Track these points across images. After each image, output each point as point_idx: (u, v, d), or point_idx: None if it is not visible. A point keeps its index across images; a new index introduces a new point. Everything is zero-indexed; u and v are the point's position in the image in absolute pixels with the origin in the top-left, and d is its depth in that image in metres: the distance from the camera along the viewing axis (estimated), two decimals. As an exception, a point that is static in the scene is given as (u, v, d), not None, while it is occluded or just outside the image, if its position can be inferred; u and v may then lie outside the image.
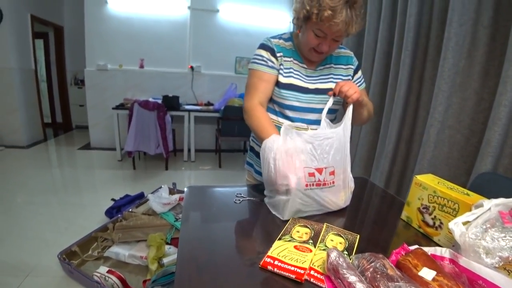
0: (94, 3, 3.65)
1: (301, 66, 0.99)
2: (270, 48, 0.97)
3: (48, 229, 2.03)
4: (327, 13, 0.78)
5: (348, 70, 1.03)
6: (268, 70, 0.96)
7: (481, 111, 1.37)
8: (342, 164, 0.78)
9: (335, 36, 0.86)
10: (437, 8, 1.52)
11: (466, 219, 0.54)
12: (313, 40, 0.88)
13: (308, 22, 0.86)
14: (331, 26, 0.81)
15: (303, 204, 0.74)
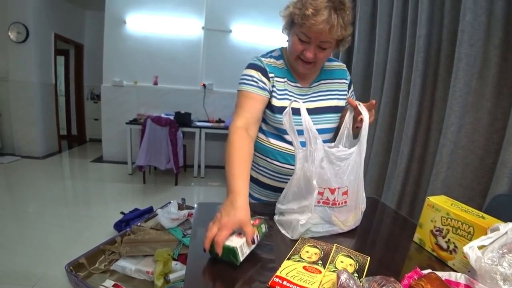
0: (114, 23, 3.85)
1: (295, 86, 0.93)
2: (262, 68, 0.91)
3: (57, 240, 2.06)
4: (308, 11, 0.75)
5: (343, 85, 0.99)
6: (257, 91, 0.89)
7: (495, 131, 1.35)
8: (356, 184, 0.76)
9: (320, 42, 0.81)
10: (447, 30, 1.54)
11: (481, 243, 0.52)
12: (297, 45, 0.83)
13: (293, 27, 0.84)
14: (312, 25, 0.76)
15: (313, 224, 0.73)
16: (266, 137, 0.98)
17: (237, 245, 0.57)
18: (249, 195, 1.08)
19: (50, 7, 4.09)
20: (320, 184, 0.71)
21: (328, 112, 0.94)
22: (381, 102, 1.99)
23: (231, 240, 0.58)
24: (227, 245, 0.57)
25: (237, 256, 0.56)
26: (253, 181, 1.05)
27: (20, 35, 3.75)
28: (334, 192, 0.73)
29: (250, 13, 3.99)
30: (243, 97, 0.90)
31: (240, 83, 0.92)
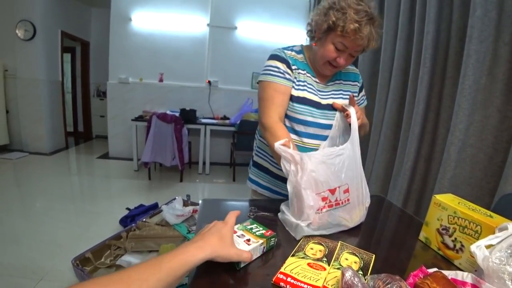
0: (119, 20, 3.86)
1: (314, 80, 0.98)
2: (286, 60, 0.94)
3: (64, 235, 2.09)
4: (354, 26, 0.79)
5: (355, 87, 1.04)
6: (285, 83, 0.92)
7: (505, 129, 1.32)
8: (356, 180, 0.76)
9: (354, 51, 0.87)
10: (456, 26, 1.51)
11: (489, 243, 0.51)
12: (332, 53, 0.87)
13: (330, 34, 0.85)
14: (356, 39, 0.82)
15: (319, 227, 0.72)
16: None
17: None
18: (258, 183, 1.11)
19: (57, 5, 4.12)
20: (319, 188, 0.71)
21: (336, 110, 0.97)
22: (387, 100, 1.97)
23: (238, 244, 0.58)
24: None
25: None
26: (262, 169, 1.09)
27: (28, 33, 3.79)
28: (335, 192, 0.73)
29: (256, 10, 3.96)
30: (272, 90, 0.92)
31: (266, 74, 0.94)
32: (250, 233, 0.63)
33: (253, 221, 0.69)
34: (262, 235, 0.62)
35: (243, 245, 0.58)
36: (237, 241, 0.59)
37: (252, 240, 0.60)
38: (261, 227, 0.67)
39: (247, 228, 0.65)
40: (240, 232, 0.63)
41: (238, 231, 0.64)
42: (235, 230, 0.61)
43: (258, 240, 0.61)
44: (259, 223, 0.68)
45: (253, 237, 0.61)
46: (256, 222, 0.69)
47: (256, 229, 0.65)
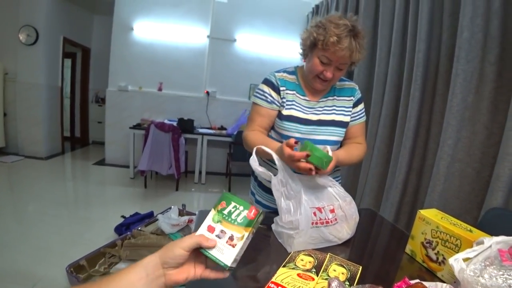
0: (121, 29, 3.93)
1: (304, 99, 1.03)
2: (272, 83, 1.02)
3: (58, 241, 2.08)
4: (333, 39, 0.85)
5: (349, 102, 1.06)
6: (266, 105, 1.02)
7: (492, 145, 1.37)
8: (339, 199, 0.80)
9: (339, 64, 0.91)
10: (445, 46, 1.58)
11: (466, 256, 0.54)
12: (318, 66, 0.92)
13: (314, 49, 0.93)
14: (336, 51, 0.86)
15: (310, 242, 0.75)
16: None
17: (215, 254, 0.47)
18: (254, 196, 1.14)
19: (60, 12, 4.18)
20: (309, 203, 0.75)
21: (330, 125, 1.01)
22: (381, 114, 2.03)
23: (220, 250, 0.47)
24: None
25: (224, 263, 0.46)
26: (260, 186, 1.12)
27: (30, 38, 3.84)
28: (322, 210, 0.76)
29: (255, 23, 4.06)
30: (254, 112, 1.06)
31: (254, 96, 1.06)
32: (230, 223, 0.50)
33: (226, 195, 0.53)
34: (246, 220, 0.50)
35: (228, 249, 0.47)
36: (219, 245, 0.47)
37: (236, 235, 0.48)
38: (240, 203, 0.52)
39: (224, 216, 0.51)
40: (218, 228, 0.49)
41: (214, 225, 0.50)
42: (210, 225, 0.50)
43: (243, 232, 0.49)
44: (236, 197, 0.53)
45: (236, 230, 0.49)
46: (232, 196, 0.53)
47: (235, 213, 0.51)
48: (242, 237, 0.48)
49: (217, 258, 0.46)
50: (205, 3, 3.98)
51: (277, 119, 1.03)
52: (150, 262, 0.44)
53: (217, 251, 0.47)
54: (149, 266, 0.43)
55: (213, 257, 0.46)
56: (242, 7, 4.01)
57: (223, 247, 0.47)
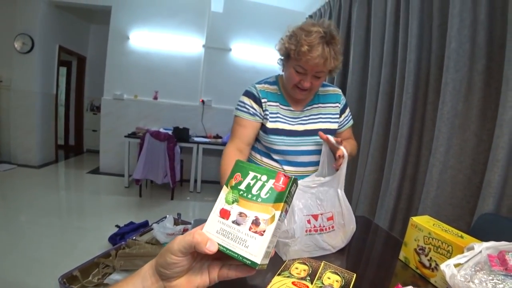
0: (117, 38, 3.96)
1: (287, 109, 1.00)
2: (253, 95, 1.00)
3: (50, 251, 2.04)
4: (304, 48, 0.83)
5: (336, 109, 1.05)
6: (248, 117, 0.99)
7: (481, 152, 1.40)
8: (339, 208, 0.80)
9: (315, 72, 0.89)
10: (435, 55, 1.62)
11: (458, 261, 0.56)
12: (294, 76, 0.90)
13: (289, 60, 0.91)
14: (308, 60, 0.84)
15: (304, 250, 0.76)
16: (260, 156, 1.04)
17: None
18: None
19: (56, 20, 4.20)
20: (302, 211, 0.75)
21: (315, 135, 0.98)
22: (374, 122, 2.06)
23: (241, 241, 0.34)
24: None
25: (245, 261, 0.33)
26: None
27: (26, 46, 3.84)
28: (318, 218, 0.77)
29: (250, 33, 4.12)
30: (236, 124, 1.01)
31: (236, 108, 1.02)
32: (251, 201, 0.35)
33: (241, 164, 0.39)
34: (274, 194, 0.35)
35: (253, 239, 0.33)
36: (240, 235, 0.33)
37: (262, 216, 0.34)
38: (261, 171, 0.37)
39: (241, 193, 0.36)
40: (235, 210, 0.35)
41: (229, 207, 0.36)
42: (224, 209, 0.36)
43: (272, 211, 0.34)
44: (254, 165, 0.38)
45: (261, 209, 0.34)
46: (248, 164, 0.39)
47: (257, 186, 0.36)
48: (272, 219, 0.33)
49: (240, 255, 0.32)
50: (201, 13, 4.04)
51: (262, 133, 1.00)
52: (147, 273, 0.35)
53: (238, 245, 0.33)
54: (146, 277, 0.35)
55: (235, 254, 0.32)
56: (237, 17, 4.08)
57: (246, 237, 0.33)
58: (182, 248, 0.32)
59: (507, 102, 1.16)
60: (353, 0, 2.50)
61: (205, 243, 0.32)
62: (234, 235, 0.34)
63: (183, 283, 0.34)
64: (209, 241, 0.32)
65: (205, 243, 0.32)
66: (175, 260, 0.32)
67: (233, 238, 0.33)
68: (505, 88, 1.17)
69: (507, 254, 0.52)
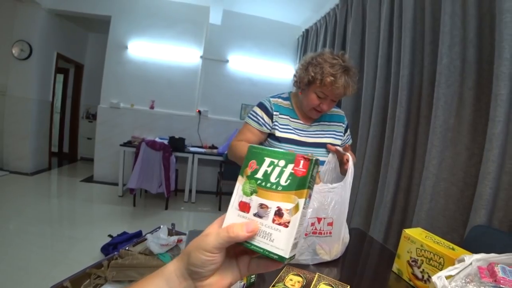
0: (116, 47, 4.00)
1: (298, 123, 1.11)
2: (266, 108, 1.11)
3: (40, 261, 2.00)
4: (330, 79, 0.94)
5: (340, 127, 1.17)
6: (257, 126, 1.11)
7: (473, 165, 1.43)
8: (340, 217, 0.82)
9: (334, 97, 1.01)
10: (427, 70, 1.67)
11: (449, 273, 0.57)
12: (315, 100, 1.02)
13: (311, 86, 1.02)
14: (333, 89, 0.96)
15: (299, 253, 0.77)
16: None
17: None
18: None
19: (55, 28, 4.23)
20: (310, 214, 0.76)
21: (324, 147, 1.09)
22: (369, 135, 2.09)
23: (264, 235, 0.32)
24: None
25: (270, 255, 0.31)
26: None
27: (23, 53, 3.84)
28: (320, 221, 0.78)
29: (247, 45, 4.19)
30: (245, 128, 1.14)
31: (248, 116, 1.15)
32: (271, 190, 0.33)
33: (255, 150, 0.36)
34: (295, 180, 0.32)
35: (278, 231, 0.31)
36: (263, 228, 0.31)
37: (285, 206, 0.31)
38: (278, 156, 0.34)
39: (259, 182, 0.34)
40: (255, 202, 0.33)
41: (248, 199, 0.34)
42: (243, 202, 0.34)
43: (295, 199, 0.31)
44: (269, 149, 0.35)
45: (283, 198, 0.32)
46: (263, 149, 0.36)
47: (275, 173, 0.33)
48: (296, 208, 0.31)
49: (266, 250, 0.30)
50: (199, 25, 4.11)
51: (275, 142, 1.10)
52: (173, 273, 0.34)
53: (263, 239, 0.31)
54: (172, 278, 0.33)
55: (261, 250, 0.31)
56: (235, 29, 4.16)
57: (270, 230, 0.31)
58: (219, 244, 0.31)
59: (496, 116, 1.19)
60: (348, 16, 2.58)
61: (241, 229, 0.31)
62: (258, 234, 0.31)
63: (216, 280, 0.33)
64: (245, 225, 0.31)
65: (241, 228, 0.31)
66: (211, 257, 0.31)
67: (257, 232, 0.31)
68: (494, 104, 1.21)
69: (496, 266, 0.53)
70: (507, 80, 1.16)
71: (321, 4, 3.35)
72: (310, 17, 3.79)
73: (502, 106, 1.17)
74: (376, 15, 2.13)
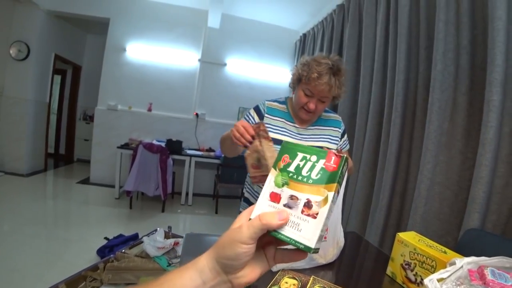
0: (114, 50, 4.00)
1: (293, 126, 1.13)
2: (259, 110, 1.15)
3: (34, 263, 1.98)
4: (314, 75, 0.97)
5: (336, 132, 1.18)
6: None
7: (467, 168, 1.45)
8: (334, 221, 0.83)
9: (321, 97, 1.02)
10: (422, 76, 1.69)
11: (440, 276, 0.58)
12: (302, 98, 1.04)
13: (300, 83, 1.05)
14: (316, 86, 0.98)
15: None
16: None
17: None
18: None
19: (54, 29, 4.22)
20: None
21: None
22: (365, 139, 2.11)
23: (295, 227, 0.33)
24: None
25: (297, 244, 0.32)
26: (246, 201, 1.18)
27: (21, 53, 3.83)
28: (324, 238, 0.79)
29: (245, 49, 4.22)
30: None
31: (244, 117, 1.18)
32: (302, 182, 0.34)
33: (289, 145, 0.38)
34: (326, 174, 0.34)
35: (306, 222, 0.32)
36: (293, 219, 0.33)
37: (314, 198, 0.33)
38: (310, 152, 0.36)
39: (291, 174, 0.36)
40: (286, 193, 0.35)
41: (279, 190, 0.35)
42: (274, 192, 0.36)
43: (324, 192, 0.33)
44: (302, 145, 0.38)
45: (313, 191, 0.33)
46: (295, 145, 0.38)
47: (307, 167, 0.35)
48: (325, 200, 0.32)
49: (292, 239, 0.32)
50: (197, 29, 4.13)
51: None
52: (206, 266, 0.34)
53: (291, 229, 0.32)
54: (205, 271, 0.33)
55: (288, 239, 0.32)
56: (233, 33, 4.18)
57: (299, 221, 0.32)
58: (253, 234, 0.31)
59: (489, 122, 1.22)
60: (345, 21, 2.61)
61: (274, 217, 0.31)
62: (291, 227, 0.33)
63: (248, 272, 0.33)
64: (277, 213, 0.32)
65: (273, 217, 0.31)
66: (246, 249, 0.31)
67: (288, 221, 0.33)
68: (486, 109, 1.23)
69: (485, 269, 0.54)
70: (499, 86, 1.19)
71: (318, 9, 3.39)
72: (307, 22, 3.83)
73: (494, 112, 1.20)
74: (373, 20, 2.17)
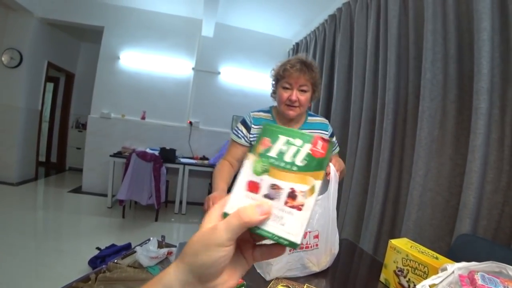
0: (108, 58, 4.00)
1: None
2: (245, 122, 1.21)
3: (23, 274, 1.93)
4: (287, 66, 1.06)
5: (323, 135, 1.19)
6: (236, 139, 1.21)
7: (457, 175, 1.48)
8: (326, 228, 0.83)
9: (300, 86, 1.08)
10: (412, 84, 1.73)
11: (432, 282, 0.58)
12: (283, 93, 1.10)
13: (278, 82, 1.12)
14: (291, 74, 1.05)
15: (288, 268, 0.77)
16: None
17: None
18: None
19: (47, 37, 4.20)
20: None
21: None
22: (357, 146, 2.13)
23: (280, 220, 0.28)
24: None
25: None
26: None
27: (13, 61, 3.79)
28: (306, 235, 0.79)
29: (238, 57, 4.26)
30: (230, 144, 1.25)
31: (232, 132, 1.25)
32: (285, 170, 0.30)
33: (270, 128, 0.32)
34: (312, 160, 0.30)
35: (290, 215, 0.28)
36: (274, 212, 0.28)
37: (299, 188, 0.29)
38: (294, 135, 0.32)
39: (272, 161, 0.30)
40: (266, 182, 0.29)
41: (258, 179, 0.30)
42: (252, 181, 0.30)
43: (311, 181, 0.29)
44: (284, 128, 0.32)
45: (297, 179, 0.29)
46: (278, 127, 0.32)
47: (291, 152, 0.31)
48: (312, 190, 0.28)
49: (275, 235, 0.27)
50: (191, 37, 4.16)
51: None
52: (175, 281, 0.28)
53: (273, 223, 0.28)
54: (174, 286, 0.28)
55: (270, 235, 0.27)
56: (227, 42, 4.22)
57: (282, 214, 0.28)
58: (233, 234, 0.26)
59: (477, 129, 1.25)
60: (337, 31, 2.67)
61: (254, 212, 0.27)
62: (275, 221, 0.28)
63: (228, 277, 0.29)
64: (257, 207, 0.27)
65: (254, 212, 0.27)
66: (225, 252, 0.27)
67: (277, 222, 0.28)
68: (474, 117, 1.26)
69: (476, 274, 0.55)
70: (485, 95, 1.22)
71: (310, 19, 3.46)
72: (300, 31, 3.90)
73: (482, 119, 1.23)
74: (363, 30, 2.22)
